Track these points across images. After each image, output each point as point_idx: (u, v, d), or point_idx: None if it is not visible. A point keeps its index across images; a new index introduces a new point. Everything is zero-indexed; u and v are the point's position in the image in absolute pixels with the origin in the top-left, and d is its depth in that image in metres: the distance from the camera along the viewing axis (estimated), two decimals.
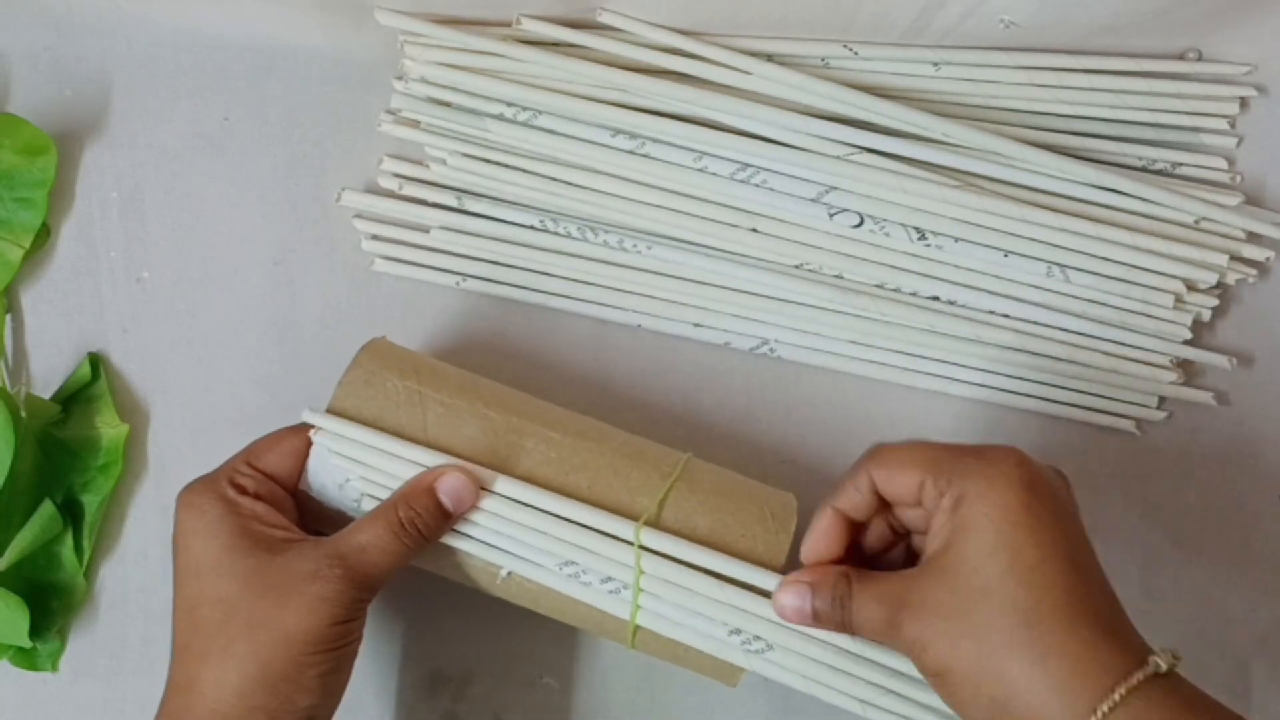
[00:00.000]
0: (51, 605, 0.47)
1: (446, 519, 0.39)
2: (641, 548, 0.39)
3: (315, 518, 0.41)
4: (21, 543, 0.46)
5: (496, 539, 0.40)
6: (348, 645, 0.38)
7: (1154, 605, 0.49)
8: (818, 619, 0.37)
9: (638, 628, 0.40)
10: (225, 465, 0.40)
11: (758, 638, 0.39)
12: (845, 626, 0.37)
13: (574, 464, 0.40)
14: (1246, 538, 0.49)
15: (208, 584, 0.37)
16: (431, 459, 0.40)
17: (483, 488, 0.40)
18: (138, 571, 0.48)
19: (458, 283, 0.49)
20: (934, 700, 0.38)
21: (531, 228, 0.49)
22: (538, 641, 0.48)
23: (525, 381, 0.45)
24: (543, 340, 0.49)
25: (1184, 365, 0.50)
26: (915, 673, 0.37)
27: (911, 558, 0.39)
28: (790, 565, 0.40)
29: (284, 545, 0.38)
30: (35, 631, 0.46)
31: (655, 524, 0.40)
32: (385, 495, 0.40)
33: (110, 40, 0.51)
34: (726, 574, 0.39)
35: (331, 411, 0.41)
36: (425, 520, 0.38)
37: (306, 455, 0.41)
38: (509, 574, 0.40)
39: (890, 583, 0.36)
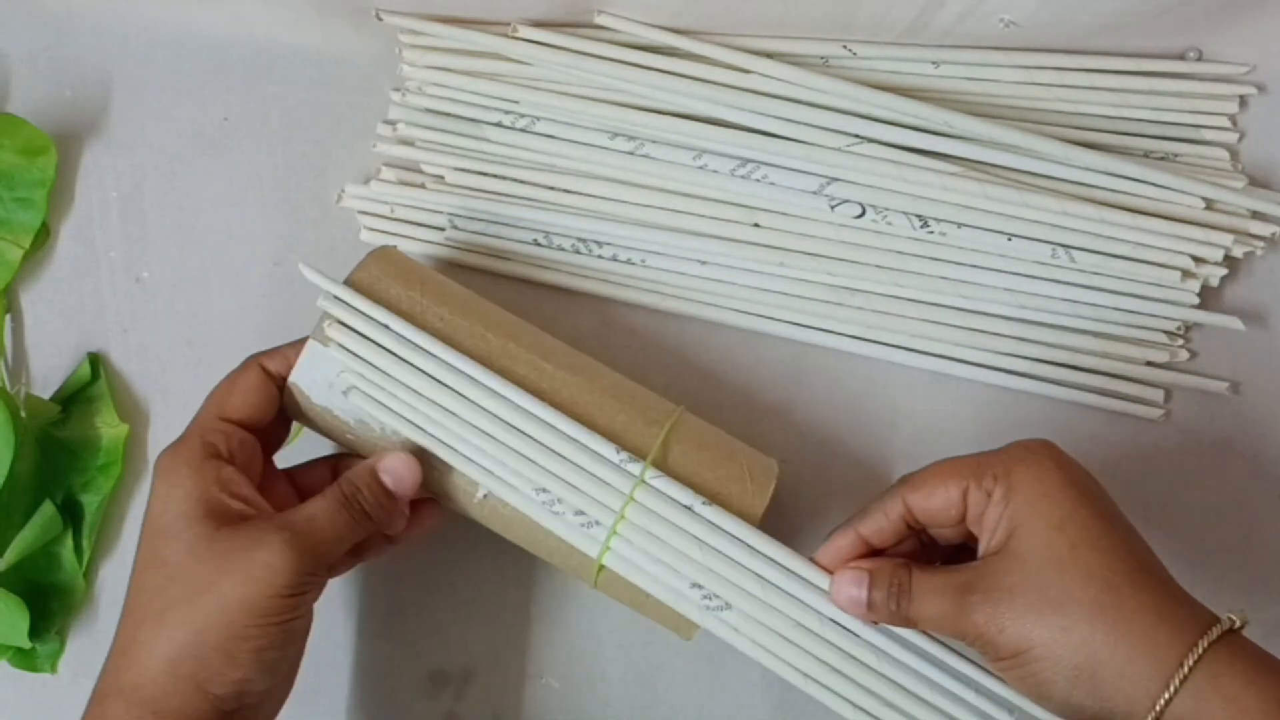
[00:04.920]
0: (51, 606, 0.47)
1: (390, 498, 0.39)
2: (638, 487, 0.39)
3: (298, 416, 0.42)
4: (21, 543, 0.46)
5: (479, 455, 0.40)
6: (291, 621, 0.37)
7: None
8: (873, 609, 0.37)
9: (602, 567, 0.40)
10: (195, 422, 0.40)
11: (717, 595, 0.39)
12: (902, 618, 0.37)
13: (563, 397, 0.41)
14: (1248, 537, 0.49)
15: (158, 547, 0.37)
16: (425, 361, 0.40)
17: (472, 400, 0.40)
18: None
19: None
20: (877, 685, 0.38)
21: (535, 243, 0.49)
22: (538, 641, 0.48)
23: None
24: (548, 326, 0.49)
25: (1190, 333, 0.49)
26: (865, 657, 0.38)
27: None
28: (764, 529, 0.40)
29: (238, 517, 0.38)
30: (35, 632, 0.46)
31: (663, 465, 0.40)
32: (379, 395, 0.40)
33: (110, 40, 0.51)
34: (700, 534, 0.39)
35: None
36: (367, 496, 0.39)
37: (264, 389, 0.41)
38: (486, 495, 0.41)
39: (953, 574, 0.36)
